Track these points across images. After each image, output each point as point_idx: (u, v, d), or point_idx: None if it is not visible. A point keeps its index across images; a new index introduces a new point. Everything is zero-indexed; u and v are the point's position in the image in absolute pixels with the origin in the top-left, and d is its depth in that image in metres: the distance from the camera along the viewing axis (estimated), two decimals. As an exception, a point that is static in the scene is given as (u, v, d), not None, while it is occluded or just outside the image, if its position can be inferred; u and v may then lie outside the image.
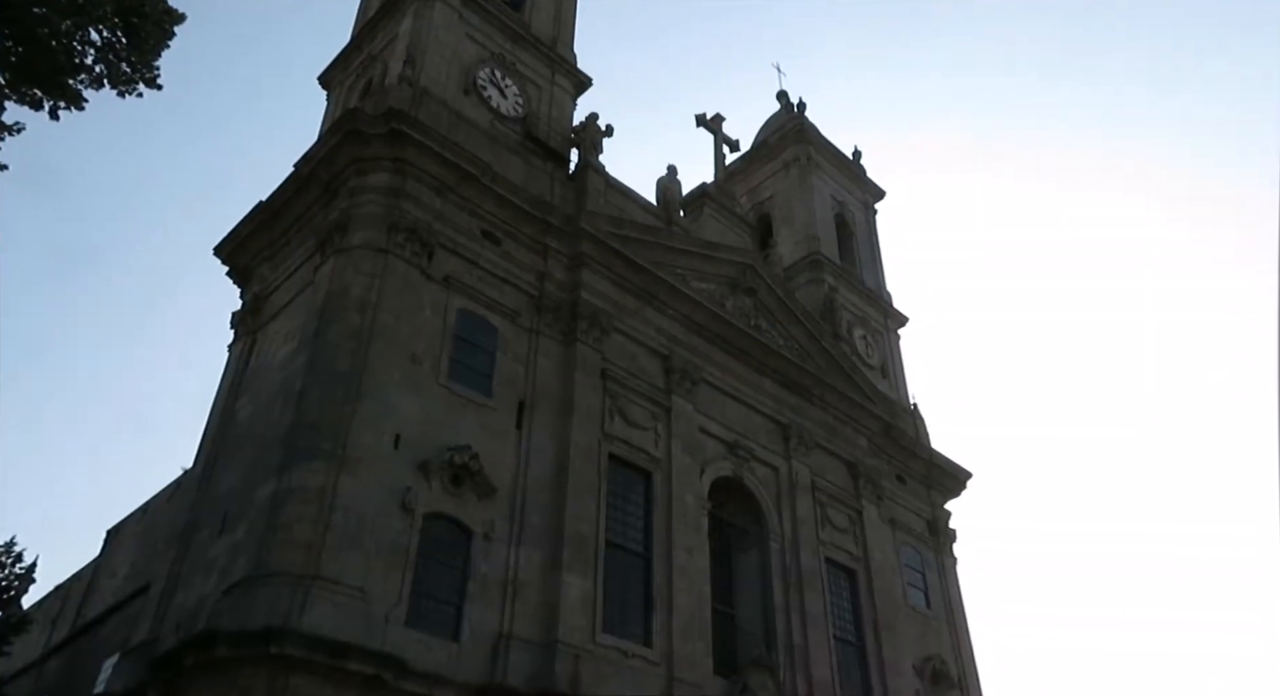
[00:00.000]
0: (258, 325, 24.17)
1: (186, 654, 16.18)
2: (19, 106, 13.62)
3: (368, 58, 28.42)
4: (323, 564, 16.98)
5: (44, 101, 13.60)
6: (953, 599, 31.80)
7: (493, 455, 20.66)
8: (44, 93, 13.46)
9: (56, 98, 13.61)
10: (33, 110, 13.65)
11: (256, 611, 16.16)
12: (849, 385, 31.33)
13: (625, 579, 22.07)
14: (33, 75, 13.12)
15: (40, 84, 13.30)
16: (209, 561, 19.51)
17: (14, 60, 13.00)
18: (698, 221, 30.98)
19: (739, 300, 29.31)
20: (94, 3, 13.07)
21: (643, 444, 24.12)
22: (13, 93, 13.35)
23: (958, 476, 34.46)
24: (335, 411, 18.76)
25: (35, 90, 13.39)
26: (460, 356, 21.62)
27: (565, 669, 18.86)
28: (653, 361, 25.84)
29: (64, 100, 13.66)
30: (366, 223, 21.50)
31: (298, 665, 15.64)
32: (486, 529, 19.80)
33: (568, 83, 29.67)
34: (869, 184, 42.50)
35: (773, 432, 28.28)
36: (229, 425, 22.49)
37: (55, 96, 13.58)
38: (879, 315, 37.63)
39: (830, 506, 28.59)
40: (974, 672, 30.50)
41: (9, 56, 13.00)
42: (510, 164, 25.33)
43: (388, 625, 17.30)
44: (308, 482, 17.81)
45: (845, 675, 25.88)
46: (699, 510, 24.51)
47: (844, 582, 27.99)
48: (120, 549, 31.02)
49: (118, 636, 24.82)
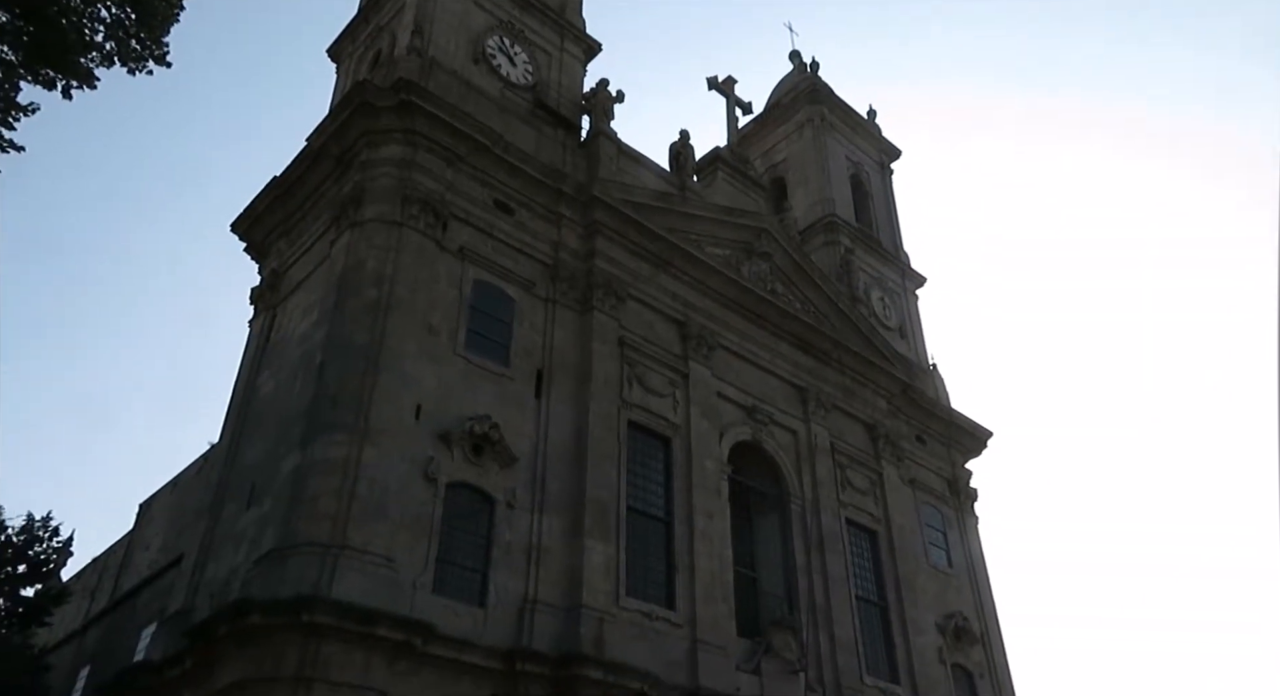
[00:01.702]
0: (277, 300, 24.36)
1: (220, 623, 16.58)
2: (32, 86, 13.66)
3: (375, 29, 28.23)
4: (349, 534, 17.28)
5: (56, 81, 13.60)
6: (974, 557, 31.95)
7: (512, 424, 20.85)
8: (56, 72, 13.45)
9: (69, 77, 13.60)
10: (46, 90, 13.66)
11: (287, 581, 16.50)
12: (867, 347, 31.24)
13: (647, 544, 22.32)
14: (44, 54, 13.10)
15: (52, 63, 13.28)
16: (238, 533, 19.91)
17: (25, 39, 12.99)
18: (711, 186, 30.76)
19: (754, 264, 29.18)
20: None
21: (661, 410, 24.23)
22: (26, 72, 13.36)
23: (978, 436, 34.43)
24: (355, 384, 18.96)
25: (48, 70, 13.37)
26: (477, 327, 21.72)
27: (590, 632, 19.18)
28: (669, 328, 25.85)
29: (75, 79, 13.65)
30: (380, 196, 21.52)
31: (328, 632, 16.00)
32: (508, 497, 20.05)
33: (577, 49, 29.37)
34: (884, 143, 41.94)
35: (791, 396, 28.31)
36: (252, 399, 22.78)
37: (67, 75, 13.57)
38: (896, 276, 37.36)
39: (850, 468, 28.69)
40: (996, 629, 30.73)
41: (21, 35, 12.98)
42: (521, 133, 25.20)
43: (415, 592, 17.64)
44: (331, 454, 18.07)
45: (868, 634, 26.17)
46: (719, 474, 24.66)
47: (865, 543, 28.18)
48: (152, 522, 31.70)
49: (154, 607, 25.50)
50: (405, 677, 16.74)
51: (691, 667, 20.90)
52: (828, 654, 24.33)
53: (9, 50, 13.16)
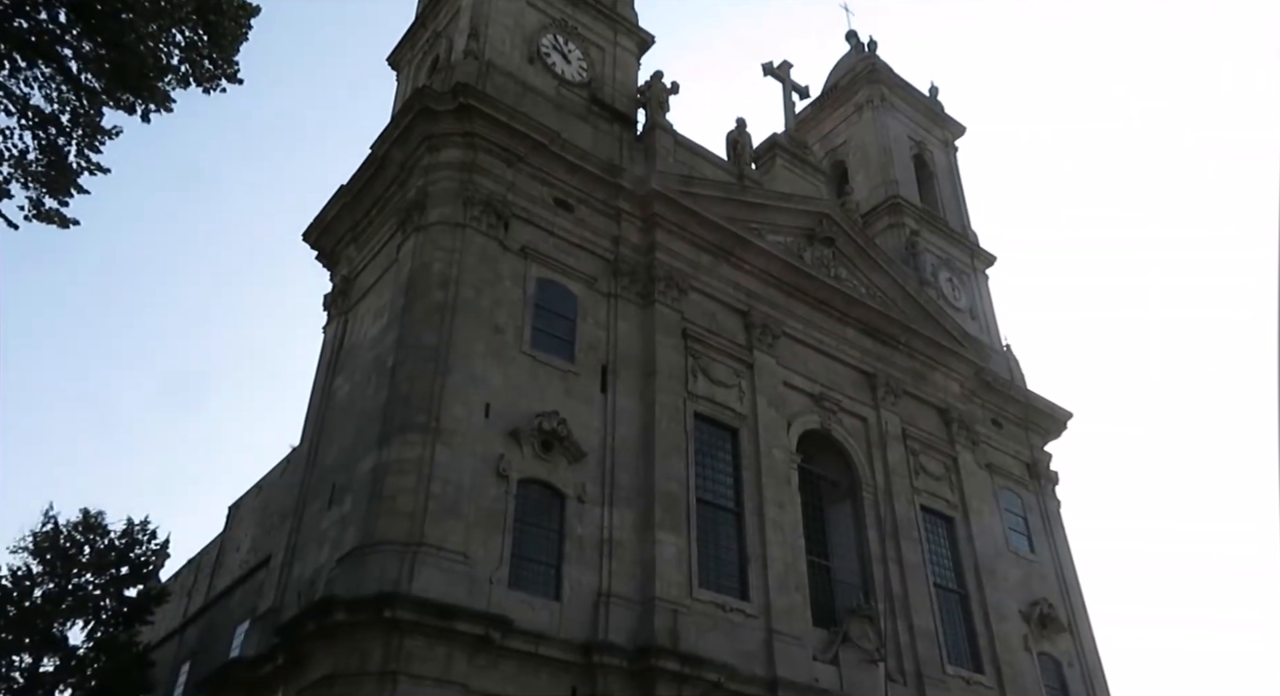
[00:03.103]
0: (348, 306, 25.05)
1: (308, 620, 17.19)
2: (114, 111, 14.25)
3: (433, 35, 28.72)
4: (426, 531, 17.71)
5: (136, 105, 14.14)
6: (1058, 542, 31.11)
7: (580, 420, 21.06)
8: (135, 96, 13.98)
9: (147, 100, 14.14)
10: (127, 114, 14.23)
11: (368, 578, 17.01)
12: (936, 330, 30.61)
13: (718, 535, 22.32)
14: (124, 79, 13.64)
15: (131, 87, 13.81)
16: (321, 533, 20.58)
17: (107, 66, 13.56)
18: (770, 173, 30.48)
19: (817, 250, 28.83)
20: (176, 4, 13.48)
21: (727, 401, 24.16)
22: (109, 98, 13.94)
23: (1057, 417, 33.48)
24: (426, 384, 19.40)
25: (128, 94, 13.91)
26: (541, 324, 21.99)
27: (664, 624, 19.29)
28: (732, 318, 25.74)
29: (154, 102, 14.18)
30: (442, 199, 21.93)
31: (410, 628, 16.46)
32: (579, 491, 20.28)
33: (630, 42, 29.39)
34: (948, 120, 40.93)
35: (859, 382, 27.93)
36: (329, 403, 23.50)
37: (146, 99, 14.10)
38: (965, 256, 36.49)
39: (923, 454, 28.19)
40: (1084, 616, 29.86)
41: (103, 63, 13.55)
42: (578, 130, 25.36)
43: (492, 587, 18.00)
44: (406, 454, 18.54)
45: (948, 622, 25.72)
46: (788, 464, 24.49)
47: (942, 530, 27.68)
48: (241, 524, 33.01)
49: (246, 605, 26.58)
50: (485, 671, 17.11)
51: (768, 658, 20.84)
52: (907, 643, 23.99)
53: (92, 78, 13.76)
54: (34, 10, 13.19)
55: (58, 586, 28.50)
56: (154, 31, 13.78)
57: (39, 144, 13.83)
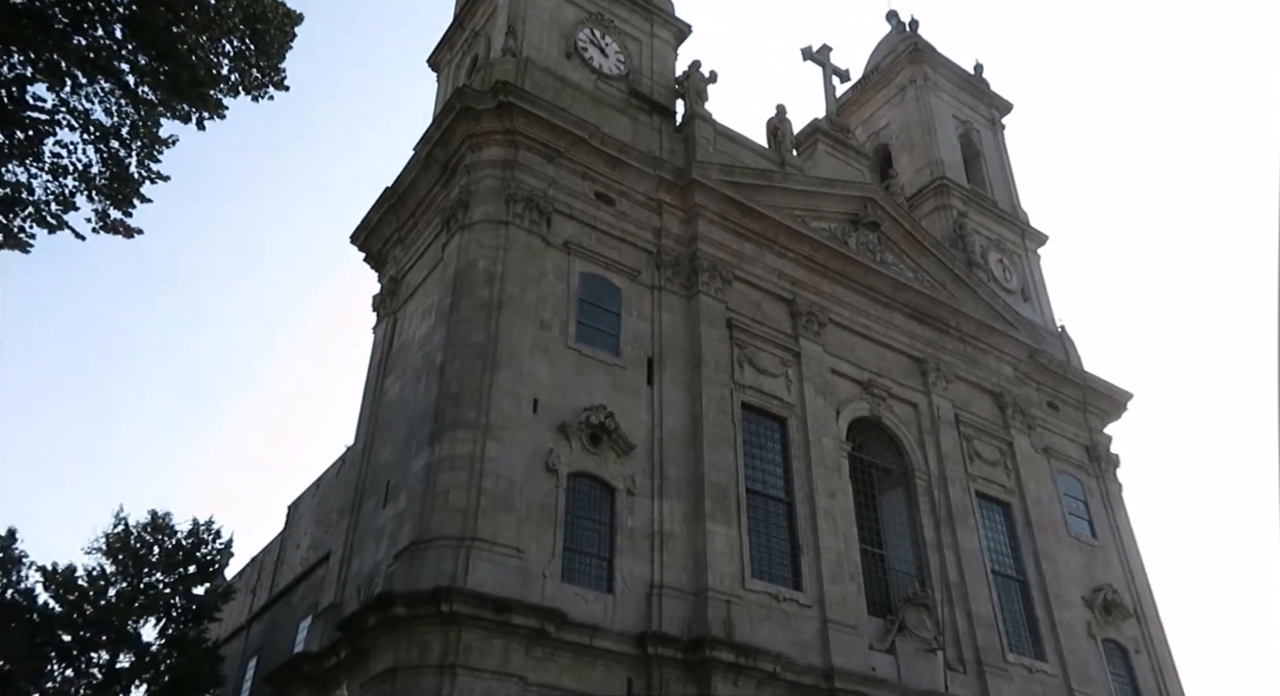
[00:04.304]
0: (396, 306, 25.45)
1: (368, 615, 17.56)
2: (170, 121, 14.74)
3: (471, 34, 28.96)
4: (479, 526, 17.96)
5: (191, 114, 14.61)
6: (1120, 526, 30.40)
7: (627, 412, 21.13)
8: (190, 105, 14.45)
9: (201, 109, 14.59)
10: (182, 123, 14.70)
11: (425, 573, 17.32)
12: (987, 313, 30.05)
13: (769, 525, 22.24)
14: (179, 90, 14.10)
15: (186, 97, 14.27)
16: (378, 530, 21.00)
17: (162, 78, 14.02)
18: (812, 159, 30.16)
19: (862, 235, 28.47)
20: (224, 15, 13.87)
21: (774, 390, 24.03)
22: (165, 109, 14.42)
23: (1116, 399, 32.67)
24: (475, 381, 19.64)
25: (183, 104, 14.38)
26: (586, 319, 22.11)
27: (718, 615, 19.30)
28: (777, 307, 25.57)
29: (207, 110, 14.64)
30: (485, 197, 22.15)
31: (467, 621, 16.72)
32: (628, 484, 20.37)
33: (667, 33, 29.29)
34: (994, 98, 40.07)
35: (909, 368, 27.55)
36: (381, 402, 23.93)
37: (199, 108, 14.56)
38: (1015, 236, 35.74)
39: (977, 439, 27.74)
40: (1151, 602, 29.13)
41: (157, 75, 14.01)
42: (617, 123, 25.38)
43: (545, 580, 18.20)
44: (457, 451, 18.81)
45: (1008, 609, 25.31)
46: (838, 452, 24.29)
47: (999, 516, 27.24)
48: (300, 522, 33.80)
49: (308, 601, 27.24)
50: (542, 663, 17.32)
51: (823, 647, 20.74)
52: (966, 631, 23.66)
53: (149, 90, 14.23)
54: (91, 28, 13.65)
55: (130, 585, 29.52)
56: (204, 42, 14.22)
57: (101, 157, 14.35)
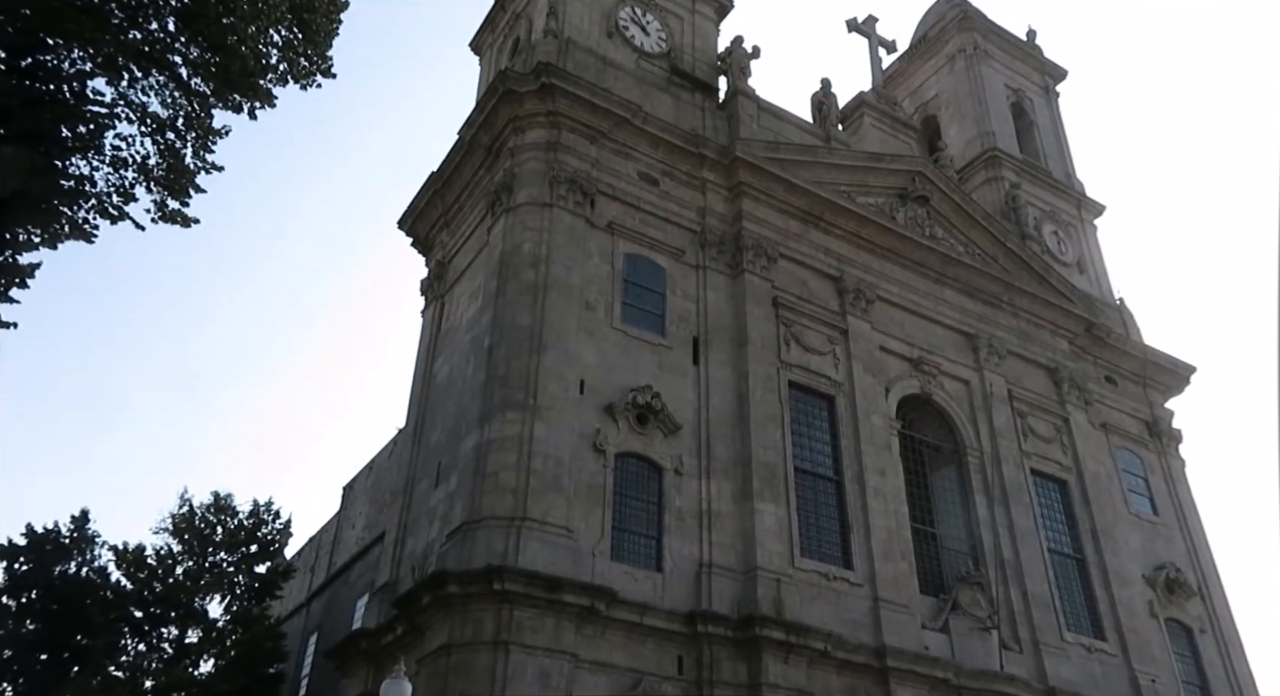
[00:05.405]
0: (444, 290, 25.75)
1: (422, 593, 17.94)
2: (223, 111, 15.04)
3: (512, 16, 28.95)
4: (529, 506, 18.20)
5: (243, 104, 14.88)
6: (1183, 503, 29.61)
7: (673, 392, 21.15)
8: (241, 96, 14.72)
9: (252, 99, 14.85)
10: (234, 113, 14.99)
11: (477, 553, 17.62)
12: (1041, 286, 29.34)
13: (818, 504, 22.13)
14: (230, 81, 14.37)
15: (237, 88, 14.54)
16: (430, 510, 21.40)
17: (214, 70, 14.30)
18: (858, 133, 29.65)
19: (910, 210, 27.94)
20: (272, 5, 14.07)
21: (822, 368, 23.81)
22: (218, 100, 14.72)
23: (1178, 372, 31.74)
24: (523, 363, 19.83)
25: (235, 94, 14.65)
26: (631, 299, 22.13)
27: (768, 593, 19.30)
28: (824, 284, 25.28)
29: (258, 100, 14.89)
30: (529, 180, 22.22)
31: (519, 599, 17.00)
32: (675, 464, 20.42)
33: (708, 9, 28.94)
34: (1048, 65, 38.85)
35: (960, 344, 27.07)
36: (430, 385, 24.29)
37: (250, 98, 14.82)
38: (1070, 207, 34.76)
39: (1032, 415, 27.20)
40: (1216, 580, 28.39)
41: (209, 67, 14.31)
42: (660, 102, 25.21)
43: (595, 559, 18.38)
44: (506, 432, 19.04)
45: (1064, 588, 24.89)
46: (887, 430, 24.02)
47: (1055, 494, 26.72)
48: (355, 502, 34.61)
49: (364, 579, 27.94)
50: (593, 641, 17.54)
51: (875, 626, 20.64)
52: (1021, 610, 23.33)
53: (201, 82, 14.54)
54: (145, 21, 13.97)
55: (196, 564, 30.54)
56: (253, 33, 14.43)
57: (158, 149, 14.72)
